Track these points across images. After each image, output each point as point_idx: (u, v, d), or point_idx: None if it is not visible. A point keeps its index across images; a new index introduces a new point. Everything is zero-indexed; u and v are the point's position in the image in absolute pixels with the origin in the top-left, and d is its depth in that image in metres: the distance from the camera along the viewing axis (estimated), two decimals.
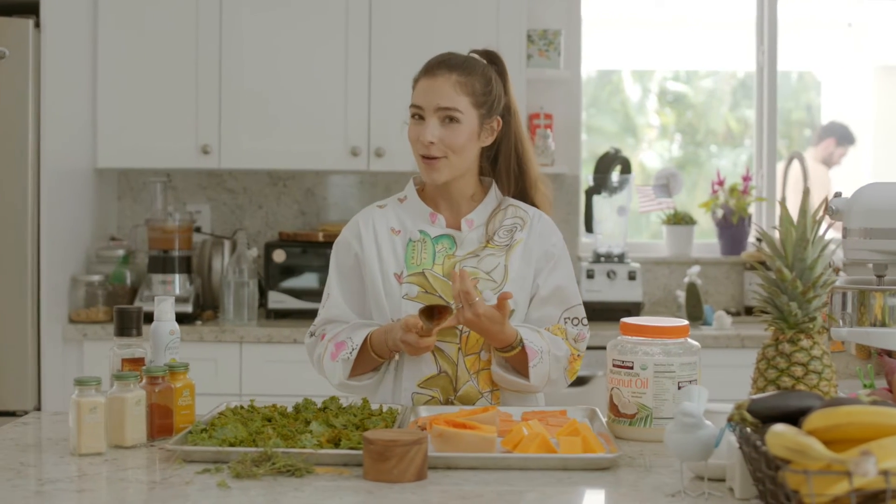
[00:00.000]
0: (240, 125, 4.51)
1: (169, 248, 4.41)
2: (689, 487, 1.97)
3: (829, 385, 2.03)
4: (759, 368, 2.07)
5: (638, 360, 2.35)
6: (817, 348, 2.04)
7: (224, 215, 4.91)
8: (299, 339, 4.22)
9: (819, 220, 2.03)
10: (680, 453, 1.93)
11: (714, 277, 4.92)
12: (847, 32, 8.21)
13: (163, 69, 4.51)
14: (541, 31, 4.70)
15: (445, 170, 2.65)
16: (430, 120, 2.63)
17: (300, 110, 4.52)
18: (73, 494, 1.94)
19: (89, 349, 4.26)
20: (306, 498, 1.91)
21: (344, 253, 2.76)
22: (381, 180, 4.90)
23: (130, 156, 4.55)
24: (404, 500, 1.90)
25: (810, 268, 2.02)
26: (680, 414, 1.92)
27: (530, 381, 2.59)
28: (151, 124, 4.52)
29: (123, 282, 4.45)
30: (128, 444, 2.25)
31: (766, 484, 1.68)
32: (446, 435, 2.13)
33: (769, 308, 2.06)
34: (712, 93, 8.48)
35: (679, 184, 4.99)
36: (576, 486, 2.01)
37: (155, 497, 1.91)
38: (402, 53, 4.48)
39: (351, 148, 4.51)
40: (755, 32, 5.13)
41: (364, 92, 4.50)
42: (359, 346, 2.62)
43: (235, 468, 2.03)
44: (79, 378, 2.21)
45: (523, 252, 2.70)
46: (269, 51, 4.51)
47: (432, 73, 2.67)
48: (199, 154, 4.51)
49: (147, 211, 4.84)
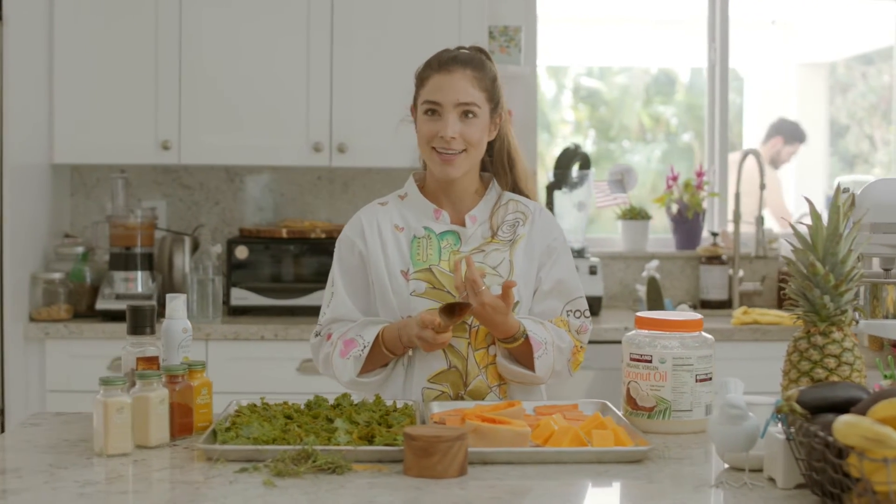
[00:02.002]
0: (200, 120, 4.46)
1: (131, 245, 4.34)
2: (729, 478, 2.00)
3: (859, 376, 2.08)
4: (791, 360, 2.12)
5: (657, 354, 2.39)
6: (848, 340, 2.09)
7: (180, 211, 4.85)
8: (267, 335, 4.19)
9: (848, 215, 2.08)
10: (725, 444, 1.97)
11: (670, 272, 4.99)
12: (771, 30, 8.38)
13: (122, 64, 4.43)
14: (501, 27, 4.72)
15: (463, 164, 2.65)
16: (449, 115, 2.63)
17: (262, 105, 4.48)
18: (119, 496, 1.91)
19: (51, 348, 4.18)
20: (359, 494, 1.90)
21: (347, 251, 2.75)
22: (338, 176, 4.88)
23: (88, 152, 4.47)
24: (454, 496, 1.91)
25: (842, 262, 2.06)
26: (725, 406, 1.95)
27: (536, 372, 2.60)
28: (110, 120, 4.44)
29: (83, 279, 4.37)
30: (152, 444, 2.22)
31: (828, 472, 1.72)
32: (481, 430, 2.14)
33: (800, 301, 2.10)
34: (626, 89, 8.59)
35: (634, 179, 5.05)
36: (617, 479, 2.03)
37: (205, 497, 1.88)
38: (365, 48, 4.47)
39: (313, 143, 4.48)
40: (706, 30, 5.19)
41: (326, 87, 4.48)
42: (370, 344, 2.61)
43: (276, 467, 2.01)
44: (104, 378, 2.17)
45: (526, 247, 2.72)
46: (229, 45, 4.46)
47: (447, 69, 2.67)
48: (159, 150, 4.44)
49: (100, 208, 4.77)
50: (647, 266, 4.73)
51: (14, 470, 2.04)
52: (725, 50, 5.15)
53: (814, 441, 1.76)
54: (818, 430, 1.74)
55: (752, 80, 7.63)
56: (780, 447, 1.93)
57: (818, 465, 1.76)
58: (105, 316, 4.28)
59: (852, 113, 8.89)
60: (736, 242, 4.84)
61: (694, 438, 2.36)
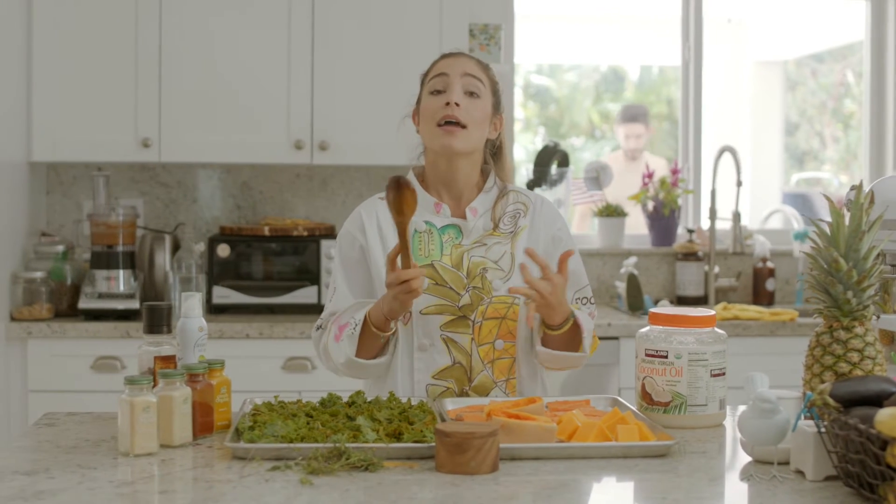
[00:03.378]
0: (181, 118, 4.44)
1: (113, 244, 4.31)
2: (757, 471, 2.03)
3: (881, 369, 2.11)
4: (814, 355, 2.15)
5: (672, 350, 2.41)
6: (870, 335, 2.12)
7: (158, 210, 4.82)
8: (252, 334, 4.18)
9: (868, 211, 2.12)
10: (757, 438, 2.00)
11: (646, 268, 5.03)
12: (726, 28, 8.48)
13: (101, 61, 4.40)
14: (482, 25, 4.74)
15: (464, 139, 2.67)
16: (455, 86, 2.66)
17: (243, 103, 4.46)
18: (159, 496, 1.90)
19: (33, 347, 4.14)
20: (399, 491, 1.91)
21: (348, 245, 2.76)
22: (317, 174, 4.88)
23: (67, 149, 4.43)
24: (493, 492, 1.92)
25: (864, 258, 2.10)
26: (757, 400, 1.98)
27: (585, 352, 2.66)
28: (89, 118, 4.41)
29: (63, 278, 4.33)
30: (176, 444, 2.21)
31: (868, 463, 1.75)
32: (509, 426, 2.15)
33: (822, 297, 2.13)
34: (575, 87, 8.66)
35: (609, 177, 5.09)
36: (647, 473, 2.06)
37: (246, 495, 1.88)
38: (346, 45, 4.47)
39: (295, 141, 4.47)
40: (680, 28, 5.24)
41: (307, 84, 4.47)
42: (361, 322, 2.60)
43: (310, 465, 2.01)
44: (130, 377, 2.16)
45: (528, 238, 2.74)
46: (210, 42, 4.44)
47: (452, 56, 2.75)
48: (139, 147, 4.42)
49: (77, 206, 4.73)
50: (625, 263, 4.77)
51: (44, 470, 2.03)
52: (699, 48, 5.20)
53: (852, 433, 1.79)
54: (857, 423, 1.77)
55: (708, 77, 7.71)
56: (809, 440, 1.96)
57: (855, 457, 1.79)
58: (87, 315, 4.24)
59: (802, 111, 9.02)
60: (711, 239, 4.90)
61: (708, 433, 2.38)
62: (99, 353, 4.15)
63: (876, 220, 2.12)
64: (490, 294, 2.66)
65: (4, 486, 1.92)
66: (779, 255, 5.10)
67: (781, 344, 4.36)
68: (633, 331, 4.37)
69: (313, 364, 4.21)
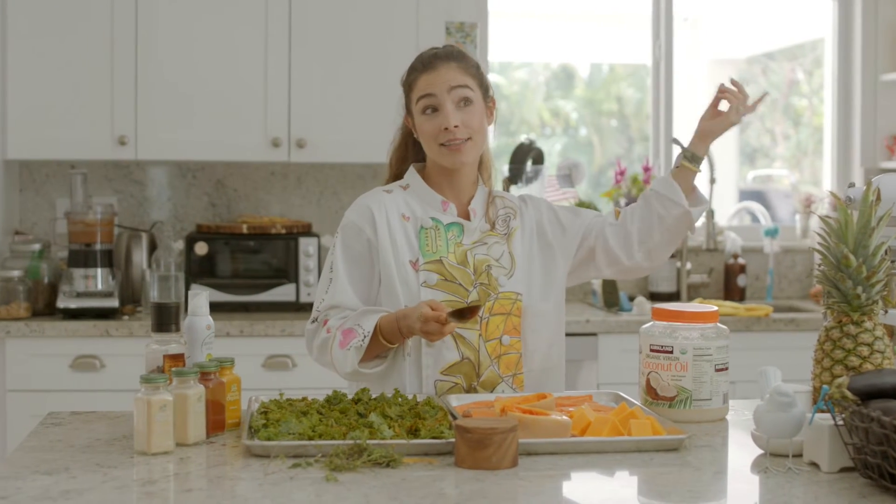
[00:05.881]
0: (158, 116, 4.41)
1: (91, 242, 4.28)
2: (772, 464, 2.07)
3: (889, 363, 2.16)
4: (823, 349, 2.19)
5: (678, 345, 2.44)
6: (879, 329, 2.17)
7: (132, 207, 4.79)
8: (232, 332, 4.17)
9: (875, 207, 2.16)
10: (774, 431, 2.03)
11: None
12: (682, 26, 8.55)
13: (77, 59, 4.37)
14: (458, 23, 4.75)
15: (471, 151, 2.69)
16: (446, 106, 2.66)
17: (220, 100, 4.45)
18: (186, 494, 1.90)
19: (11, 347, 4.10)
20: (425, 487, 1.92)
21: (354, 238, 2.73)
22: (292, 171, 4.87)
23: (42, 147, 4.40)
24: (517, 487, 1.94)
25: (873, 254, 2.15)
26: (775, 394, 2.02)
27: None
28: (65, 115, 4.37)
29: (40, 277, 4.30)
30: (190, 442, 2.21)
31: (890, 455, 1.79)
32: (525, 422, 2.17)
33: (832, 292, 2.18)
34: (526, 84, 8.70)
35: (582, 174, 5.12)
36: (667, 467, 2.08)
37: (275, 492, 1.89)
38: (323, 42, 4.47)
39: (272, 139, 4.47)
40: (651, 26, 5.29)
41: (284, 82, 4.47)
42: (370, 334, 2.60)
43: (332, 462, 2.02)
44: (146, 376, 2.16)
45: (522, 235, 2.77)
46: (187, 39, 4.43)
47: (432, 67, 2.71)
48: (116, 145, 4.39)
49: (50, 204, 4.69)
50: None
51: (64, 470, 2.02)
52: (670, 46, 5.25)
53: (874, 425, 1.83)
54: (880, 415, 1.81)
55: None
56: (825, 432, 2.00)
57: (878, 448, 1.83)
58: (66, 314, 4.21)
59: None
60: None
61: (712, 427, 2.42)
62: (78, 352, 4.12)
63: (884, 215, 2.17)
64: (496, 290, 2.68)
65: (28, 486, 1.91)
66: (749, 252, 5.16)
67: (756, 339, 4.42)
68: (610, 327, 4.41)
69: (294, 362, 4.20)
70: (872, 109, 5.23)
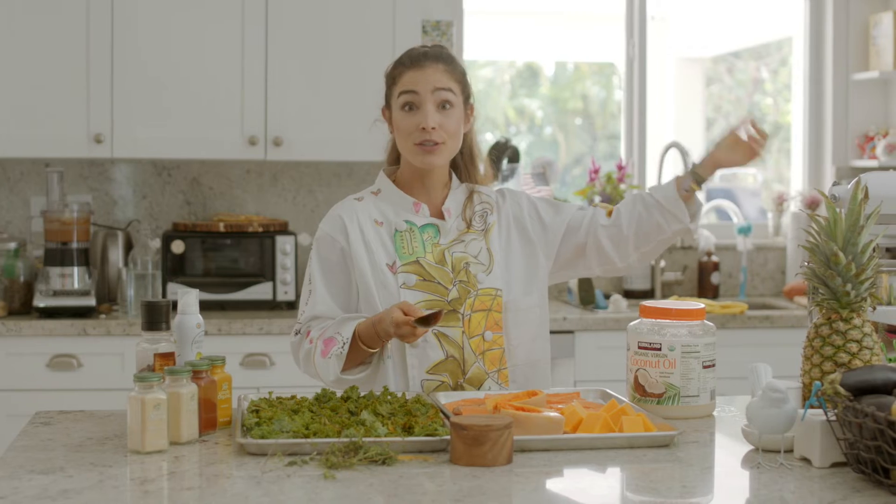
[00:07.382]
0: (134, 114, 4.40)
1: (67, 241, 4.26)
2: (764, 459, 2.09)
3: (878, 359, 2.19)
4: (813, 346, 2.22)
5: (666, 342, 2.46)
6: (867, 326, 2.20)
7: (107, 206, 4.77)
8: (210, 330, 4.15)
9: (863, 205, 2.19)
10: (766, 426, 2.06)
11: None
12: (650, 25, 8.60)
13: (52, 56, 4.34)
14: (434, 21, 4.76)
15: (444, 154, 2.71)
16: (427, 106, 2.67)
17: (196, 98, 4.44)
18: (186, 493, 1.90)
19: None
20: (425, 484, 1.93)
21: (328, 248, 2.75)
22: (268, 169, 4.86)
23: (16, 145, 4.36)
24: (514, 483, 1.96)
25: (862, 251, 2.17)
26: (768, 390, 2.04)
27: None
28: (40, 113, 4.35)
29: (16, 276, 4.27)
30: (183, 440, 2.20)
31: (884, 449, 1.82)
32: (518, 419, 2.18)
33: (821, 289, 2.20)
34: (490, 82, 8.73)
35: (556, 172, 5.15)
36: (660, 463, 2.10)
37: (274, 490, 1.89)
38: (300, 40, 4.46)
39: (248, 137, 4.46)
40: (625, 24, 5.32)
41: (261, 80, 4.46)
42: (349, 340, 2.62)
43: (328, 459, 2.03)
44: (139, 374, 2.15)
45: (499, 232, 2.80)
46: (163, 36, 4.41)
47: (420, 65, 2.72)
48: (92, 143, 4.37)
49: (24, 202, 4.66)
50: None
51: (59, 469, 2.01)
52: (643, 45, 5.28)
53: (867, 421, 1.85)
54: (874, 411, 1.83)
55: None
56: (816, 428, 2.03)
57: (871, 444, 1.86)
58: (42, 313, 4.19)
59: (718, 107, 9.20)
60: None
61: (699, 423, 2.44)
62: (55, 351, 4.10)
63: (872, 213, 2.20)
64: (476, 287, 2.70)
65: (26, 486, 1.91)
66: (722, 249, 5.20)
67: (732, 336, 4.45)
68: (587, 325, 4.44)
69: (272, 360, 4.20)
70: (844, 108, 5.28)
